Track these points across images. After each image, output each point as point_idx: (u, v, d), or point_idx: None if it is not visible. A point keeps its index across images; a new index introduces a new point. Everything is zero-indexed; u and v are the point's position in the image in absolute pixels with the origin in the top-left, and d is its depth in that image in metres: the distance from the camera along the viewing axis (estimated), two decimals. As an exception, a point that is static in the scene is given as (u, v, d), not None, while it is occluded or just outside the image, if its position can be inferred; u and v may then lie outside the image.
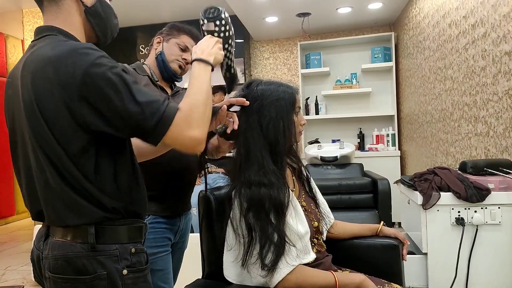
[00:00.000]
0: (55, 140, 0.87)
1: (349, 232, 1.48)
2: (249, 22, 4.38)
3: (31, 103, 0.88)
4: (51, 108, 0.86)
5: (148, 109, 0.86)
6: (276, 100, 1.19)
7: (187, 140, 0.90)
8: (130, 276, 0.92)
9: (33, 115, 0.88)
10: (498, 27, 2.00)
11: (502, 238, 1.63)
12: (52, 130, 0.87)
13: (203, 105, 0.94)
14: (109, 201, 0.91)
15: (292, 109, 1.22)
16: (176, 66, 1.52)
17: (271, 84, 1.24)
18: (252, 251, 1.09)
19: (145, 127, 0.87)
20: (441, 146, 3.01)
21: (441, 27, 2.90)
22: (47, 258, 0.92)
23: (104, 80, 0.85)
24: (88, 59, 0.86)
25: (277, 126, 1.17)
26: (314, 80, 4.91)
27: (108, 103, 0.85)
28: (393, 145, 4.48)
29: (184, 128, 0.89)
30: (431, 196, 1.69)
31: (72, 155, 0.88)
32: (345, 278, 1.13)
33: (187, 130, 0.89)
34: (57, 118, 0.87)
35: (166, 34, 1.56)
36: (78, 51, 0.87)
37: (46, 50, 0.89)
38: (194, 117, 0.91)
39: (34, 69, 0.88)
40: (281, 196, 1.10)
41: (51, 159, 0.88)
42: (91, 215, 0.90)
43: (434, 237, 1.70)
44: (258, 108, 1.18)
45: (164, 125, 0.87)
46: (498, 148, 2.05)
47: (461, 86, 2.54)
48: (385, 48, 4.55)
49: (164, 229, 1.45)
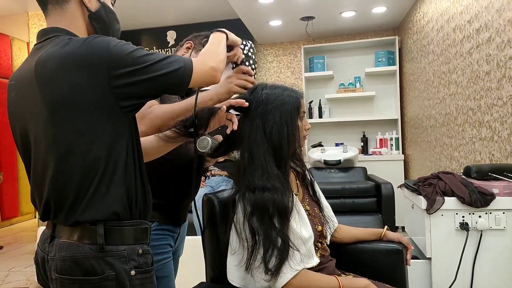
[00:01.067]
0: (78, 138, 0.90)
1: (352, 236, 1.48)
2: (253, 25, 4.40)
3: (53, 101, 0.89)
4: (83, 100, 0.89)
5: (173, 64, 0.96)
6: (281, 105, 1.19)
7: (206, 71, 1.02)
8: (137, 277, 0.93)
9: (58, 113, 0.89)
10: (503, 32, 1.99)
11: (507, 244, 1.62)
12: (77, 127, 0.90)
13: (215, 51, 1.08)
14: (115, 206, 0.92)
15: (297, 114, 1.21)
16: None
17: (276, 88, 1.23)
18: (256, 255, 1.09)
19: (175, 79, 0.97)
20: (445, 150, 3.00)
21: (445, 31, 2.90)
22: (54, 260, 0.92)
23: (129, 58, 0.91)
24: (107, 41, 0.91)
25: (281, 131, 1.17)
26: (317, 84, 4.91)
27: (139, 76, 0.91)
28: (396, 149, 4.47)
29: (201, 66, 1.02)
30: (435, 201, 1.68)
31: (90, 155, 0.90)
32: (349, 283, 1.13)
33: (203, 66, 1.02)
34: (87, 111, 0.89)
35: (198, 43, 1.53)
36: (93, 40, 0.91)
37: (60, 48, 0.91)
38: (206, 57, 1.05)
39: (53, 67, 0.89)
40: (285, 201, 1.10)
41: (69, 156, 0.90)
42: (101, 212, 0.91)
43: (438, 242, 1.70)
44: (262, 112, 1.18)
45: (188, 72, 0.98)
46: (502, 153, 2.04)
47: (465, 91, 2.54)
48: (389, 52, 4.55)
49: (167, 236, 1.46)
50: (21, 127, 0.98)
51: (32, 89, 0.92)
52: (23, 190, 5.69)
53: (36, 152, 0.96)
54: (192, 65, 1.00)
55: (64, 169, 0.91)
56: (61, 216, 0.94)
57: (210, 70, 1.03)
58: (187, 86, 0.99)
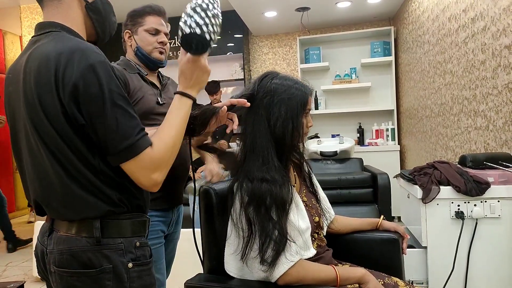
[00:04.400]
0: (59, 137, 0.87)
1: (349, 227, 1.48)
2: (248, 17, 4.37)
3: (33, 99, 0.88)
4: (53, 104, 0.87)
5: (122, 131, 0.86)
6: (288, 99, 1.16)
7: (146, 180, 0.90)
8: (135, 269, 0.93)
9: (35, 111, 0.88)
10: (498, 20, 1.99)
11: (502, 232, 1.64)
12: (55, 126, 0.87)
13: (173, 147, 0.93)
14: (115, 194, 0.92)
15: (303, 110, 1.19)
16: (157, 54, 1.52)
17: (287, 80, 1.20)
18: (252, 245, 1.09)
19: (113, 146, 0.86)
20: (440, 140, 3.02)
21: (440, 21, 2.89)
22: (52, 253, 0.92)
23: (96, 89, 0.85)
24: (87, 63, 0.86)
25: (286, 125, 1.15)
26: (313, 75, 4.90)
27: (90, 110, 0.85)
28: (392, 139, 4.49)
29: (148, 168, 0.89)
30: (430, 190, 1.69)
31: (76, 151, 0.88)
32: (345, 272, 1.14)
33: (150, 171, 0.89)
34: (58, 115, 0.87)
35: (131, 25, 1.54)
36: (81, 52, 0.87)
37: (49, 47, 0.89)
38: (162, 161, 0.91)
39: (38, 65, 0.88)
40: (283, 194, 1.10)
41: (55, 154, 0.88)
42: (96, 209, 0.90)
43: (434, 231, 1.71)
44: (268, 103, 1.16)
45: (130, 153, 0.87)
46: (497, 142, 2.05)
47: (460, 80, 2.54)
48: (384, 43, 4.54)
49: (158, 221, 1.48)
50: (11, 122, 0.98)
51: (20, 85, 0.92)
52: (19, 185, 5.65)
53: (23, 149, 0.96)
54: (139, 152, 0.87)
55: (46, 170, 0.90)
56: (54, 213, 0.94)
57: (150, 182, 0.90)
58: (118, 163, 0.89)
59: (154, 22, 1.52)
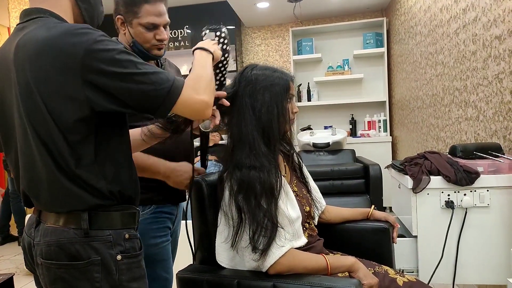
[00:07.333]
0: (56, 127, 0.86)
1: (340, 217, 1.49)
2: (240, 8, 4.33)
3: (28, 87, 0.86)
4: (52, 92, 0.85)
5: (158, 80, 0.88)
6: (270, 86, 1.18)
7: (198, 103, 0.93)
8: (124, 262, 0.92)
9: (31, 99, 0.87)
10: (489, 11, 1.99)
11: (490, 221, 1.66)
12: (52, 115, 0.86)
13: (207, 78, 0.98)
14: (106, 186, 0.91)
15: (286, 96, 1.20)
16: (155, 50, 1.37)
17: (266, 69, 1.22)
18: (242, 234, 1.10)
19: (156, 98, 0.88)
20: (431, 131, 3.04)
21: (432, 12, 2.89)
22: (39, 245, 0.91)
23: (108, 58, 0.85)
24: (88, 38, 0.85)
25: (271, 110, 1.16)
26: (306, 67, 4.89)
27: (114, 81, 0.85)
28: (384, 131, 4.51)
29: (193, 93, 0.92)
30: (421, 180, 1.71)
31: (72, 142, 0.87)
32: (336, 261, 1.15)
33: (196, 95, 0.92)
34: (57, 103, 0.85)
35: (124, 13, 1.32)
36: (75, 31, 0.86)
37: (41, 32, 0.87)
38: (200, 85, 0.95)
39: (30, 52, 0.86)
40: (272, 179, 1.10)
41: (47, 145, 0.87)
42: (84, 202, 0.90)
43: (424, 220, 1.73)
44: (251, 91, 1.17)
45: (174, 94, 0.89)
46: (487, 132, 2.07)
47: (452, 71, 2.55)
48: (377, 34, 4.54)
49: (166, 218, 1.44)
50: (1, 110, 0.96)
51: (10, 72, 0.90)
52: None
53: (13, 138, 0.94)
54: (181, 88, 0.90)
55: (35, 161, 0.89)
56: (41, 205, 0.93)
57: (201, 104, 0.93)
58: (167, 111, 0.90)
59: (152, 13, 1.29)
